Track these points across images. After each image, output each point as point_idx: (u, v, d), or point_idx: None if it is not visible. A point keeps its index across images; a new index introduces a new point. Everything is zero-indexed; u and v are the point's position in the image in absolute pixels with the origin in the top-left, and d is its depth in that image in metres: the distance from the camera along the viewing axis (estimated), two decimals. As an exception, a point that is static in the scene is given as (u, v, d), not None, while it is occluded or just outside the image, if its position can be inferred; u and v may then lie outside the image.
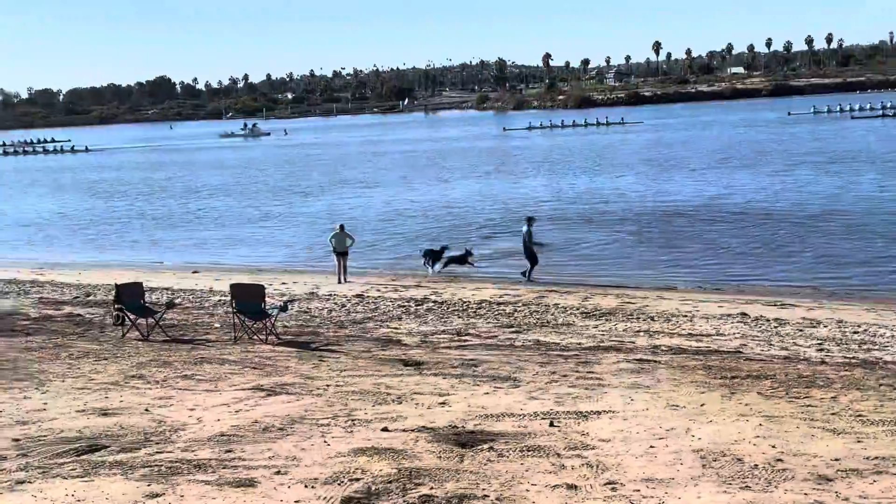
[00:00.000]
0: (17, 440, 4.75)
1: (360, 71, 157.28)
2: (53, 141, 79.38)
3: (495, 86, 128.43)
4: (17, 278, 14.18)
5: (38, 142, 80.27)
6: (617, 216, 19.84)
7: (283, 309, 9.07)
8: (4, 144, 77.85)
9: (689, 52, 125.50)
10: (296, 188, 31.11)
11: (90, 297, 11.81)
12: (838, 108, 57.57)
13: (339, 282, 12.43)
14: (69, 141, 75.27)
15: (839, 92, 77.70)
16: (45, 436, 4.75)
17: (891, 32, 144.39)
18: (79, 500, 3.57)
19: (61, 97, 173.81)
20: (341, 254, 12.40)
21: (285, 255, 16.89)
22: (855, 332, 8.22)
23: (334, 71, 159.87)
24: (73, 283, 13.40)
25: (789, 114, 58.65)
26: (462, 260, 12.91)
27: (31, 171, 53.12)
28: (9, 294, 12.46)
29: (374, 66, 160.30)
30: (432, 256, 13.04)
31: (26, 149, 75.91)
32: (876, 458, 3.98)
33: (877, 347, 7.50)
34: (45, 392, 6.17)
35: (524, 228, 12.39)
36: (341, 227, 12.74)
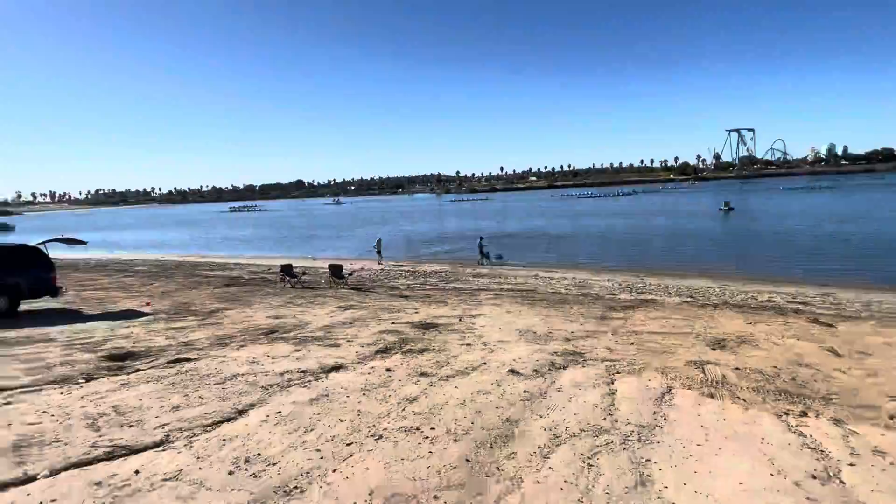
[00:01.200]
0: (240, 329, 10.21)
1: (372, 177, 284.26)
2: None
3: (437, 184, 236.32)
4: (242, 262, 24.83)
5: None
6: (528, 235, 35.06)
7: (350, 274, 17.94)
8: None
9: (514, 170, 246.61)
10: (355, 226, 54.05)
11: (271, 270, 20.31)
12: (576, 195, 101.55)
13: (379, 263, 22.60)
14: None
15: (572, 187, 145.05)
16: (251, 327, 10.23)
17: (592, 163, 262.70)
18: (266, 353, 8.51)
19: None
20: (379, 252, 23.97)
21: (350, 252, 30.17)
22: (580, 282, 16.05)
23: (371, 177, 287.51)
24: (264, 264, 23.66)
25: (551, 196, 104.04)
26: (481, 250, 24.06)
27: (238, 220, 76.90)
28: (235, 268, 22.05)
29: (385, 174, 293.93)
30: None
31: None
32: (587, 332, 10.33)
33: (587, 287, 14.86)
34: (251, 308, 11.63)
35: (479, 240, 24.20)
36: (379, 240, 24.83)
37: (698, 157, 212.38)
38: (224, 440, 5.10)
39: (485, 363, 7.64)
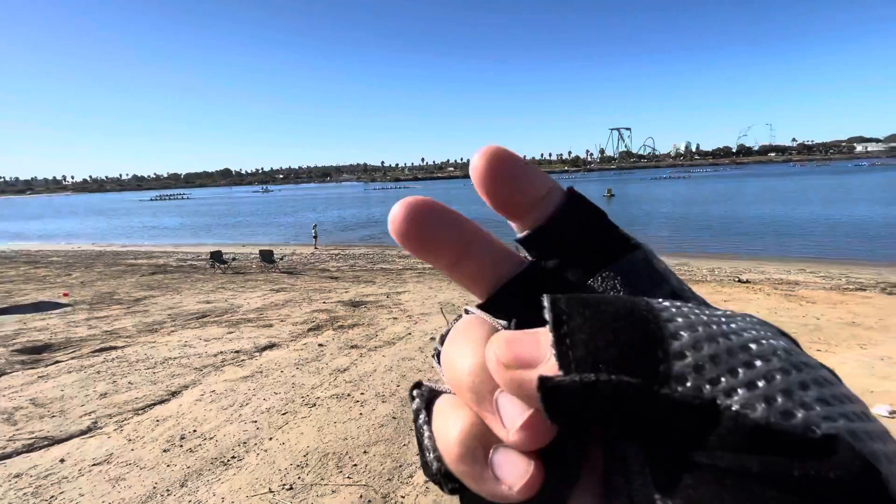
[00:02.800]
0: (170, 315, 9.59)
1: (307, 166, 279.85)
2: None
3: (363, 172, 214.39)
4: (168, 251, 22.84)
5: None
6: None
7: (281, 259, 16.97)
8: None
9: (434, 161, 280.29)
10: (284, 213, 53.76)
11: (200, 257, 19.17)
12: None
13: (316, 248, 22.07)
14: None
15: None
16: (181, 312, 9.65)
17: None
18: (198, 336, 8.40)
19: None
20: (315, 237, 23.42)
21: (280, 238, 29.03)
22: None
23: (300, 166, 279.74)
24: (193, 251, 21.97)
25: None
26: None
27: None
28: (162, 256, 20.46)
29: (314, 164, 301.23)
30: None
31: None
32: None
33: None
34: (180, 295, 10.79)
35: None
36: (315, 226, 24.83)
37: (587, 151, 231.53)
38: (157, 421, 4.95)
39: (409, 333, 7.89)
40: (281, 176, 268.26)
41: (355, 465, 4.10)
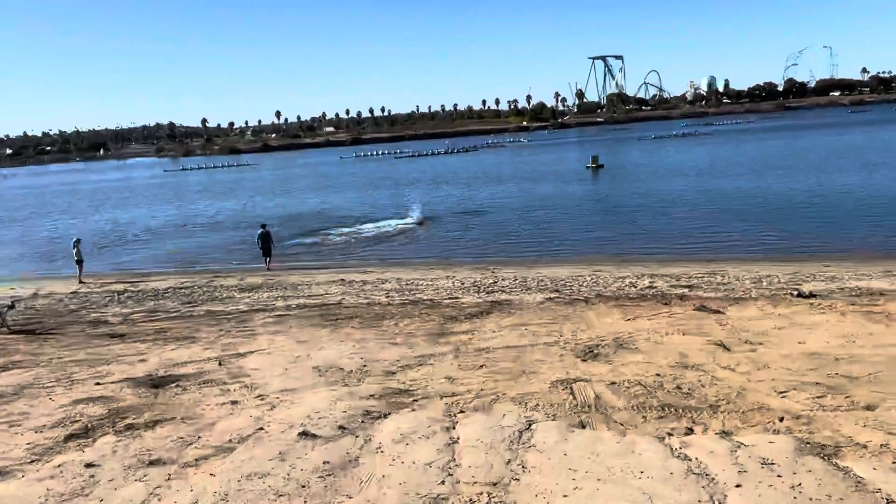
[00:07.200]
0: None
1: (64, 131, 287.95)
2: None
3: (168, 140, 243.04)
4: None
5: None
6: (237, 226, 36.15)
7: (11, 307, 15.00)
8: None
9: (298, 117, 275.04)
10: (14, 218, 50.83)
11: None
12: (387, 152, 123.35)
13: (80, 282, 20.86)
14: None
15: (390, 142, 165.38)
16: None
17: (417, 105, 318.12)
18: None
19: None
20: (79, 261, 21.49)
21: (19, 265, 27.45)
22: (407, 284, 16.90)
23: (43, 132, 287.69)
24: None
25: (356, 155, 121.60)
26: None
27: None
28: None
29: (76, 127, 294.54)
30: None
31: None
32: (418, 357, 10.72)
33: (419, 291, 15.80)
34: None
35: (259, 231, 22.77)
36: (77, 241, 22.03)
37: (557, 95, 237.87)
38: None
39: (261, 428, 7.58)
40: (9, 152, 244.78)
41: None
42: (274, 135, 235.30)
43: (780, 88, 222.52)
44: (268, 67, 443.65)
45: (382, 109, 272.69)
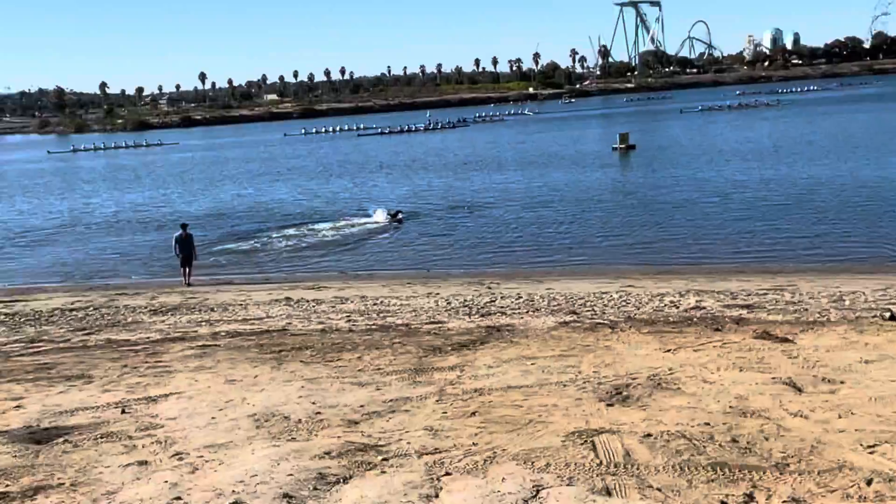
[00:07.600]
0: None
1: None
2: None
3: (55, 112, 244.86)
4: None
5: None
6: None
7: None
8: None
9: (230, 81, 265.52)
10: None
11: None
12: (347, 128, 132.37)
13: None
14: None
15: (352, 115, 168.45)
16: None
17: (388, 67, 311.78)
18: None
19: None
20: None
21: None
22: (374, 304, 16.88)
23: None
24: None
25: (306, 132, 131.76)
26: None
27: None
28: None
29: None
30: None
31: None
32: (391, 400, 10.65)
33: (390, 314, 15.81)
34: None
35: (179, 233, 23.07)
36: None
37: (574, 54, 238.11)
38: None
39: (179, 497, 7.48)
40: None
41: None
42: (197, 105, 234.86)
43: (867, 45, 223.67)
44: (189, 15, 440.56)
45: (342, 72, 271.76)
